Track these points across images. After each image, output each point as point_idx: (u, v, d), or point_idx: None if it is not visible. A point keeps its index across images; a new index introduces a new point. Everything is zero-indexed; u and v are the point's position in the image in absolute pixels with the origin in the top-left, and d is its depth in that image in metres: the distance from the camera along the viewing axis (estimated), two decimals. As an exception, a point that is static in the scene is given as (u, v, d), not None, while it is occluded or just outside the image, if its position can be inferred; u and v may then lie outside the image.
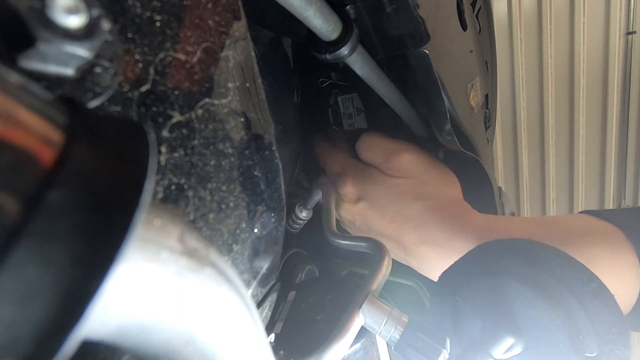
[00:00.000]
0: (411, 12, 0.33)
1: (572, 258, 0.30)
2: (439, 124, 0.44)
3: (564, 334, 0.29)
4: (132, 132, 0.12)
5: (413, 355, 0.29)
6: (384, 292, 0.34)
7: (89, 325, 0.11)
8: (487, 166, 0.55)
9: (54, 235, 0.09)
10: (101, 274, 0.10)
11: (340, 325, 0.30)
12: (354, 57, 0.34)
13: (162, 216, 0.13)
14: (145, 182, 0.11)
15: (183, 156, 0.22)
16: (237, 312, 0.16)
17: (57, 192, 0.09)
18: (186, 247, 0.14)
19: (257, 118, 0.28)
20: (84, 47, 0.14)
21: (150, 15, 0.20)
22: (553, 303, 0.29)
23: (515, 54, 1.91)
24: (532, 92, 1.96)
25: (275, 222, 0.32)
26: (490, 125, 0.68)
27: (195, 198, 0.23)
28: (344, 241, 0.42)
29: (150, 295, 0.12)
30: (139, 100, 0.20)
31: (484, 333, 0.30)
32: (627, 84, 1.85)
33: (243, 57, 0.26)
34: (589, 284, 0.29)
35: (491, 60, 0.66)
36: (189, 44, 0.22)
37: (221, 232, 0.26)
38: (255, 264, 0.31)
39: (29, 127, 0.10)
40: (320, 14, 0.29)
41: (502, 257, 0.33)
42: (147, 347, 0.13)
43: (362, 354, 0.42)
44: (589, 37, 1.84)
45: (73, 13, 0.14)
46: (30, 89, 0.11)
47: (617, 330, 0.28)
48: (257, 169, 0.29)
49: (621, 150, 1.95)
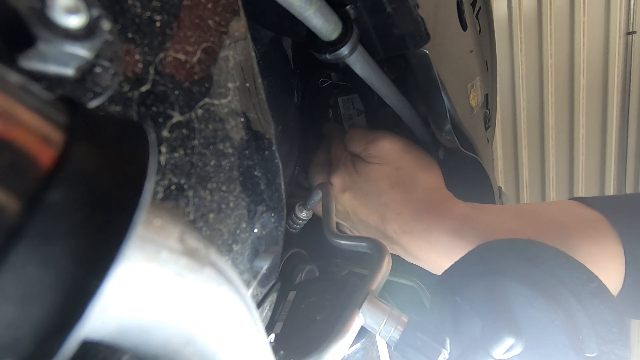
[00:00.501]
0: (411, 12, 0.33)
1: (572, 258, 0.30)
2: (439, 124, 0.44)
3: (564, 334, 0.29)
4: (132, 132, 0.12)
5: (413, 355, 0.29)
6: (384, 292, 0.34)
7: (89, 325, 0.11)
8: (487, 166, 0.55)
9: (54, 235, 0.09)
10: (101, 274, 0.10)
11: (340, 325, 0.30)
12: (354, 57, 0.34)
13: (162, 216, 0.13)
14: (145, 182, 0.11)
15: (183, 156, 0.22)
16: (237, 312, 0.16)
17: (57, 192, 0.09)
18: (186, 247, 0.14)
19: (257, 118, 0.28)
20: (84, 47, 0.14)
21: (150, 15, 0.20)
22: (553, 303, 0.29)
23: (515, 54, 1.91)
24: (532, 92, 1.96)
25: (275, 222, 0.32)
26: (490, 125, 0.68)
27: (195, 198, 0.23)
28: (343, 241, 0.42)
29: (150, 295, 0.12)
30: (139, 100, 0.20)
31: (484, 333, 0.30)
32: (627, 84, 1.85)
33: (243, 57, 0.26)
34: (589, 284, 0.29)
35: (491, 60, 0.66)
36: (189, 44, 0.22)
37: (221, 232, 0.26)
38: (255, 264, 0.31)
39: (29, 127, 0.10)
40: (320, 13, 0.29)
41: (502, 257, 0.33)
42: (147, 347, 0.13)
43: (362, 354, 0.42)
44: (589, 37, 1.84)
45: (73, 13, 0.14)
46: (30, 89, 0.11)
47: (617, 330, 0.28)
48: (257, 169, 0.29)
49: (621, 150, 1.95)
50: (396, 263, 0.51)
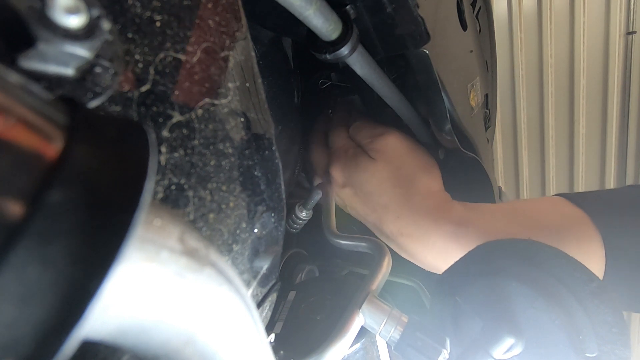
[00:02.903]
0: (411, 12, 0.33)
1: (572, 258, 0.30)
2: (439, 124, 0.44)
3: (564, 334, 0.29)
4: (132, 132, 0.12)
5: (413, 355, 0.29)
6: (384, 292, 0.34)
7: (89, 325, 0.11)
8: (487, 166, 0.55)
9: (54, 235, 0.09)
10: (101, 274, 0.10)
11: (340, 325, 0.30)
12: (354, 57, 0.34)
13: (162, 216, 0.13)
14: (145, 182, 0.11)
15: (183, 156, 0.22)
16: (237, 312, 0.16)
17: (57, 192, 0.09)
18: (186, 247, 0.14)
19: (257, 118, 0.28)
20: (84, 47, 0.14)
21: (150, 15, 0.20)
22: (553, 303, 0.29)
23: (515, 54, 1.91)
24: (532, 92, 1.96)
25: (275, 222, 0.32)
26: (490, 125, 0.68)
27: (195, 198, 0.23)
28: (343, 241, 0.42)
29: (150, 295, 0.12)
30: (139, 100, 0.19)
31: (484, 333, 0.30)
32: (627, 84, 1.85)
33: (243, 57, 0.26)
34: (589, 284, 0.29)
35: (491, 60, 0.66)
36: (189, 44, 0.22)
37: (221, 232, 0.26)
38: (255, 264, 0.31)
39: (29, 128, 0.10)
40: (320, 13, 0.29)
41: (502, 257, 0.33)
42: (147, 347, 0.13)
43: (362, 354, 0.42)
44: (589, 37, 1.84)
45: (73, 13, 0.14)
46: (31, 89, 0.11)
47: (617, 330, 0.28)
48: (257, 169, 0.29)
49: (621, 150, 1.95)
50: (396, 263, 0.51)
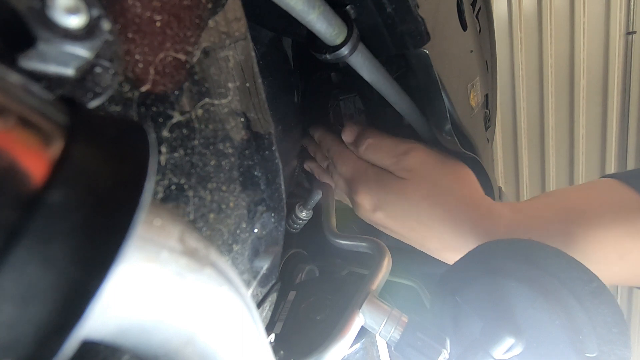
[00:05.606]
0: (411, 12, 0.33)
1: (573, 258, 0.30)
2: (439, 124, 0.44)
3: (564, 334, 0.29)
4: (132, 132, 0.12)
5: (413, 355, 0.29)
6: (384, 292, 0.34)
7: (89, 325, 0.11)
8: (487, 166, 0.55)
9: (54, 235, 0.09)
10: (101, 274, 0.10)
11: (340, 325, 0.30)
12: (354, 57, 0.34)
13: (162, 216, 0.13)
14: (145, 182, 0.11)
15: (183, 156, 0.22)
16: (237, 312, 0.16)
17: (57, 192, 0.09)
18: (186, 247, 0.14)
19: (257, 118, 0.28)
20: (84, 47, 0.14)
21: (150, 15, 0.20)
22: (553, 303, 0.29)
23: (515, 54, 1.91)
24: (532, 92, 1.96)
25: (275, 222, 0.32)
26: (490, 125, 0.68)
27: (195, 198, 0.23)
28: (343, 241, 0.42)
29: (151, 295, 0.12)
30: (139, 100, 0.19)
31: (484, 333, 0.30)
32: (627, 84, 1.85)
33: (243, 57, 0.26)
34: (589, 284, 0.29)
35: (491, 60, 0.66)
36: (189, 44, 0.22)
37: (221, 232, 0.26)
38: (255, 264, 0.31)
39: (29, 128, 0.10)
40: (324, 17, 0.29)
41: (502, 257, 0.33)
42: (147, 347, 0.13)
43: (362, 354, 0.42)
44: (589, 37, 1.84)
45: (73, 13, 0.14)
46: (31, 89, 0.11)
47: (617, 330, 0.28)
48: (257, 169, 0.29)
49: (621, 150, 1.95)
50: (396, 263, 0.51)
